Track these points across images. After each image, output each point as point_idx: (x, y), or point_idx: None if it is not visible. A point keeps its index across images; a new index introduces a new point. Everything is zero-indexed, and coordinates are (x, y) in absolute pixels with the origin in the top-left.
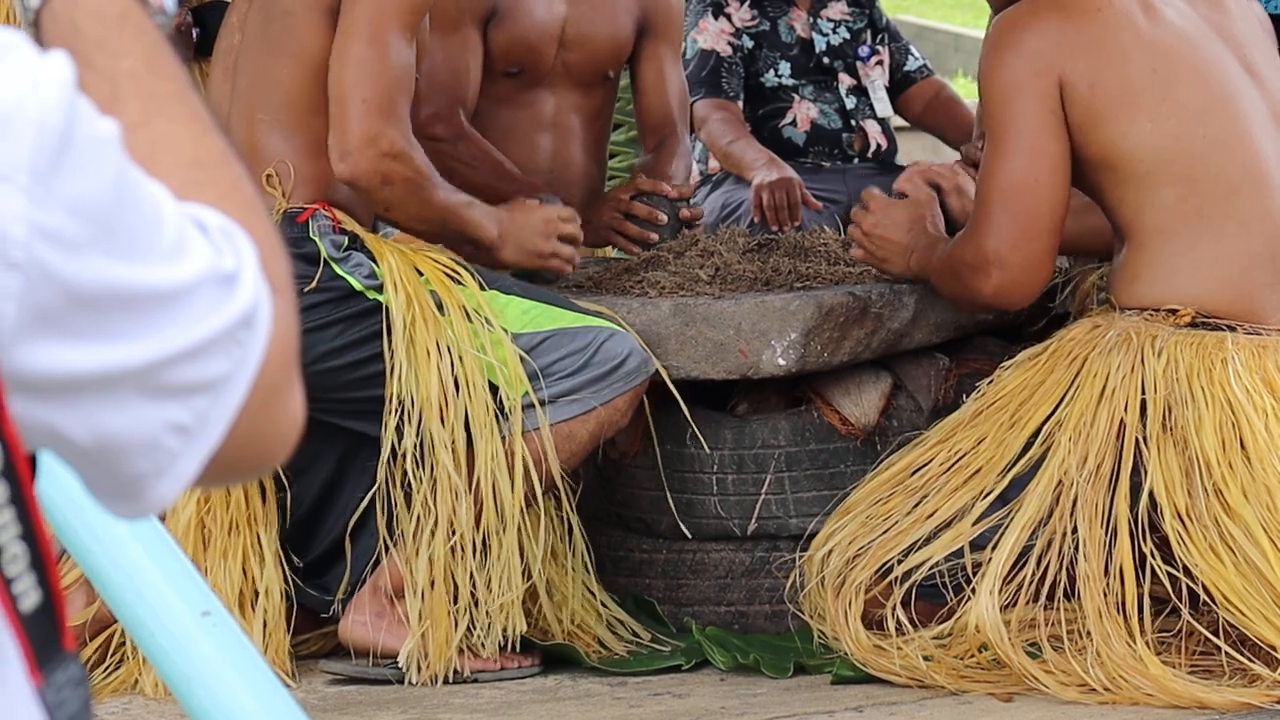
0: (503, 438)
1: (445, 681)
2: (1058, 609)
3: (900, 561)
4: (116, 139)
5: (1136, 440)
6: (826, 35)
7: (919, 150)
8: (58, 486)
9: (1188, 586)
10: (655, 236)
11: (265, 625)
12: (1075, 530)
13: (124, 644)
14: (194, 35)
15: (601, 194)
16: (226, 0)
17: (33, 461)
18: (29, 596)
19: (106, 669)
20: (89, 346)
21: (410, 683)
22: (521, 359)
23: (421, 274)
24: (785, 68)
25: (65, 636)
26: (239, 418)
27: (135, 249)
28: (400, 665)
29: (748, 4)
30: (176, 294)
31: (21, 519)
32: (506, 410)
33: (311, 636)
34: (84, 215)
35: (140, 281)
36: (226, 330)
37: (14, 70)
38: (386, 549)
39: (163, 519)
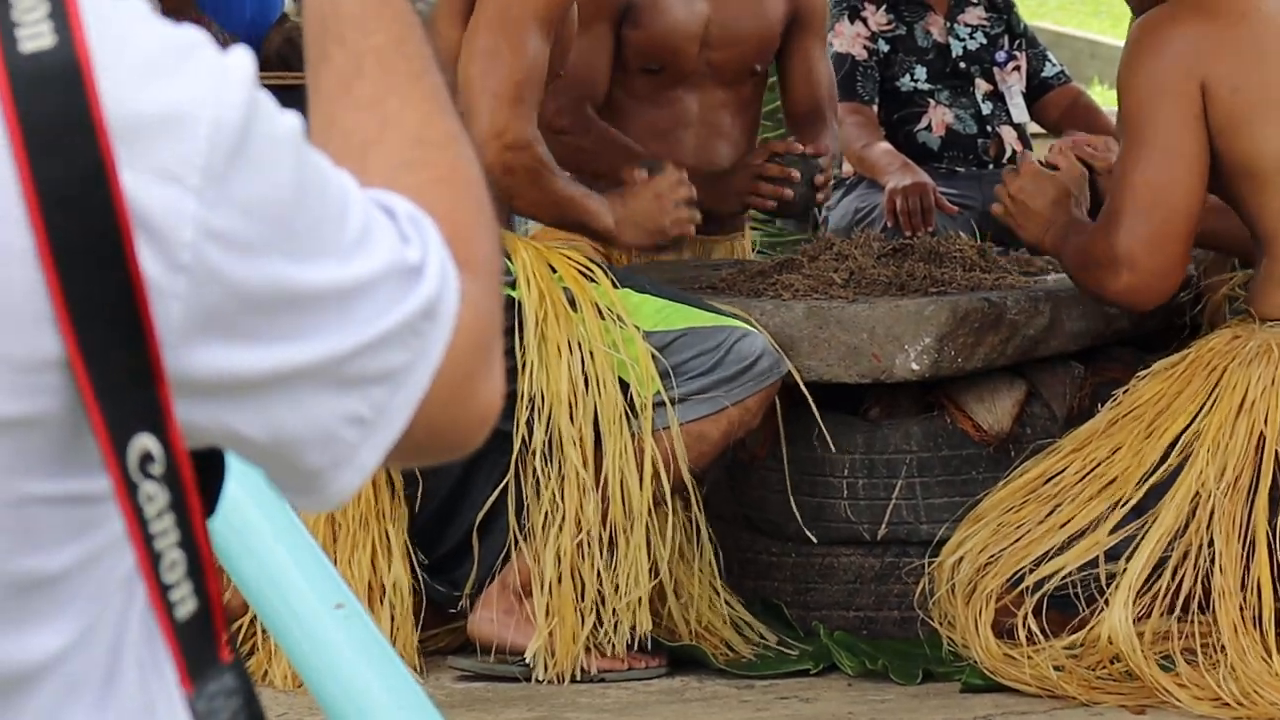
0: (632, 435)
1: (572, 680)
2: (1192, 622)
3: (1032, 570)
4: (297, 136)
5: (1276, 453)
6: (963, 40)
7: None
8: None
9: None
10: (789, 192)
11: (393, 620)
12: (1212, 543)
13: (254, 635)
14: None
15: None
16: None
17: (216, 463)
18: (185, 605)
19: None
20: (261, 348)
21: (537, 680)
22: (653, 357)
23: (555, 270)
24: (921, 72)
25: (221, 646)
26: (424, 405)
27: (315, 247)
28: (527, 662)
29: (884, 8)
30: (356, 290)
31: (181, 525)
32: (637, 408)
33: (439, 632)
34: (259, 216)
35: (318, 281)
36: (406, 322)
37: (195, 70)
38: (515, 544)
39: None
